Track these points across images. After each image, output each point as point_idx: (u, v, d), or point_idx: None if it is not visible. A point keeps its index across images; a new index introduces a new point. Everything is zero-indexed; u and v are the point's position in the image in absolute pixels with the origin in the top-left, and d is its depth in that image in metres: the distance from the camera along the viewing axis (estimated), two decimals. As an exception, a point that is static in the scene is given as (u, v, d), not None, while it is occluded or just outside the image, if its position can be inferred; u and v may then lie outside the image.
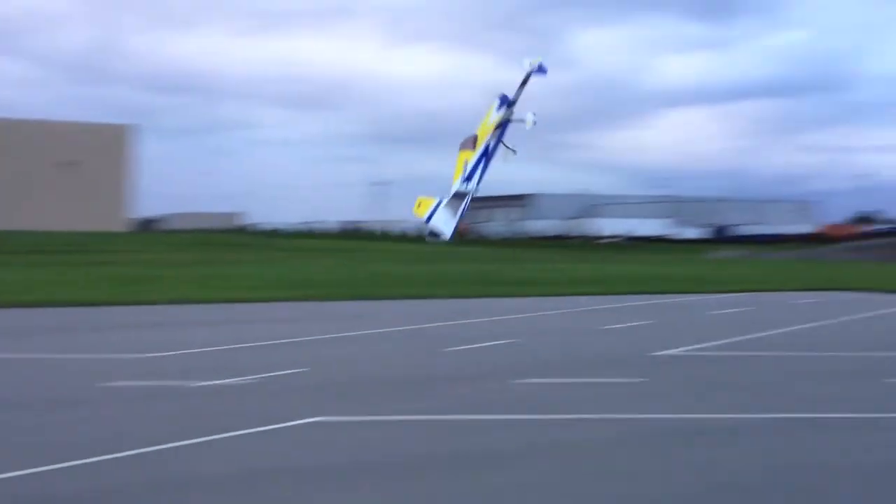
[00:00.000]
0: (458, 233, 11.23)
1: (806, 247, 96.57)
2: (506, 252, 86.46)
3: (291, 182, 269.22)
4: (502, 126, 11.81)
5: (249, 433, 9.69)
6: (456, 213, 11.12)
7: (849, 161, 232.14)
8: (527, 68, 11.53)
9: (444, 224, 10.89)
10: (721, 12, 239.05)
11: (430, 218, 11.09)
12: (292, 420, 10.24)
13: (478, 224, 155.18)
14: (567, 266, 54.95)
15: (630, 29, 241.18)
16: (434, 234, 11.44)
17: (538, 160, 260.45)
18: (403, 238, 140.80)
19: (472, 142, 11.72)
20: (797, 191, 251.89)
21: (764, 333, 19.57)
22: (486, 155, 11.56)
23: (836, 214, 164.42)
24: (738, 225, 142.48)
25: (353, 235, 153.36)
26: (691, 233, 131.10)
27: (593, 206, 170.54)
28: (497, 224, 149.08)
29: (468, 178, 11.23)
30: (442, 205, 10.95)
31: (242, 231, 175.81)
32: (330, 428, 10.19)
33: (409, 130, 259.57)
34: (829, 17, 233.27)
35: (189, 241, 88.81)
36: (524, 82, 11.60)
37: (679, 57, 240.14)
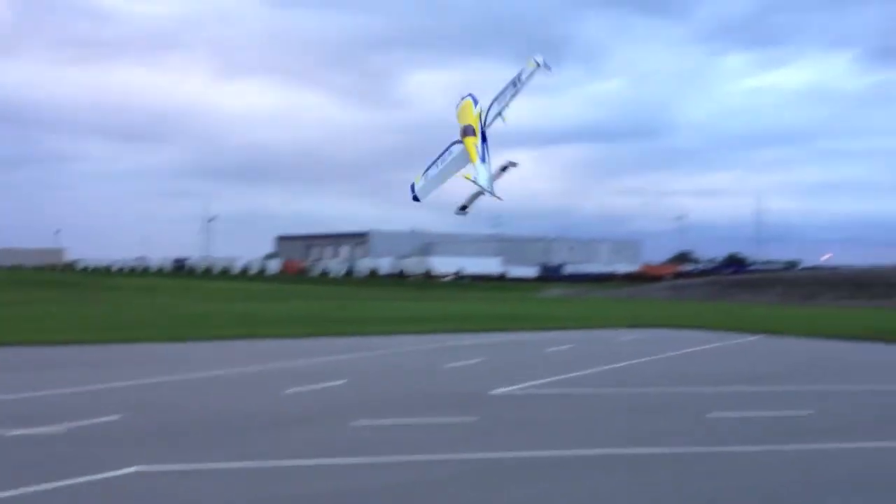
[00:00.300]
0: (293, 270, 10.98)
1: (630, 285, 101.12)
2: (343, 289, 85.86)
3: (119, 217, 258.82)
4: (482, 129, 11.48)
5: (64, 485, 8.97)
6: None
7: (666, 203, 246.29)
8: (530, 69, 11.22)
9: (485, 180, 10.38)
10: (547, 59, 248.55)
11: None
12: (111, 470, 9.58)
13: (315, 261, 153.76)
14: (404, 304, 55.08)
15: (460, 72, 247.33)
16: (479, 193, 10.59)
17: (374, 197, 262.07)
18: (236, 275, 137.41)
19: (471, 130, 11.34)
20: (621, 231, 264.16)
21: (593, 370, 20.15)
22: (485, 140, 11.25)
23: (656, 254, 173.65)
24: (566, 264, 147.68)
25: (184, 272, 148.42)
26: (522, 271, 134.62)
27: (428, 244, 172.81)
28: (335, 261, 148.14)
29: (483, 159, 10.85)
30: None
31: (66, 268, 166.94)
32: (152, 478, 9.58)
33: (241, 165, 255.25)
34: (644, 67, 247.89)
35: (3, 278, 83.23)
36: (517, 83, 11.33)
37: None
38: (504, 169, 11.04)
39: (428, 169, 10.91)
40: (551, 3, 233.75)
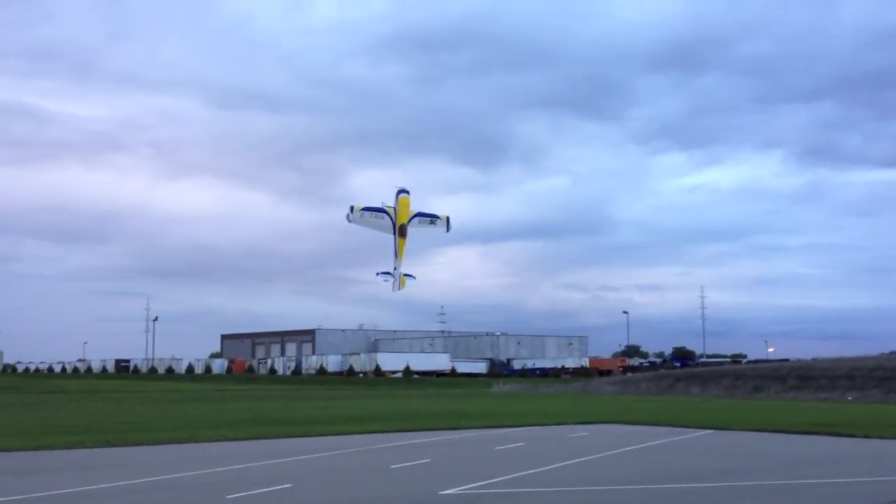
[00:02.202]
0: (239, 368, 11.15)
1: (578, 379, 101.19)
2: (291, 388, 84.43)
3: (60, 319, 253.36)
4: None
5: None
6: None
7: (611, 297, 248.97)
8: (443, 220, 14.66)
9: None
10: (488, 158, 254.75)
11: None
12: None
13: (262, 360, 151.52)
14: (352, 402, 54.32)
15: (402, 170, 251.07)
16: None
17: (320, 295, 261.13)
18: (180, 375, 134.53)
19: (405, 230, 16.12)
20: (568, 325, 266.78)
21: (544, 468, 19.97)
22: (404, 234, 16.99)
23: (604, 348, 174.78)
24: (515, 359, 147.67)
25: (127, 373, 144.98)
26: (471, 366, 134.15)
27: (375, 340, 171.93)
28: (281, 359, 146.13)
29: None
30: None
31: (4, 371, 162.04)
32: None
33: (185, 264, 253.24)
34: (584, 165, 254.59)
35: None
36: (433, 222, 14.93)
37: (451, 198, 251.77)
38: (407, 276, 18.38)
39: (366, 208, 16.28)
40: (490, 105, 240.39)
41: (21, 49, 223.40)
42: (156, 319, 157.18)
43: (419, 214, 27.05)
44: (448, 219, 27.84)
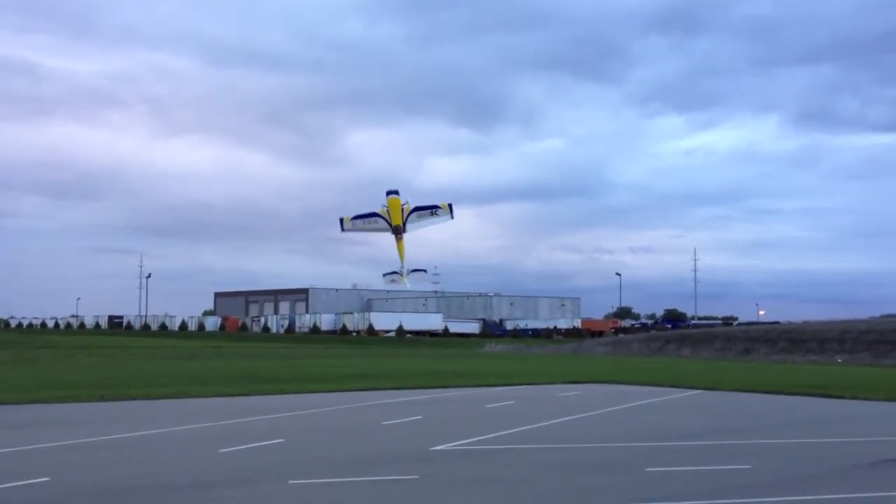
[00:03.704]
0: (232, 326, 11.21)
1: (570, 340, 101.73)
2: (284, 346, 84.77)
3: (54, 274, 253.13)
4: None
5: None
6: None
7: (605, 260, 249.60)
8: (444, 211, 14.71)
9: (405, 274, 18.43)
10: (485, 119, 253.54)
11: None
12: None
13: (255, 318, 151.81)
14: (345, 361, 54.57)
15: (400, 131, 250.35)
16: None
17: (314, 254, 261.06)
18: (174, 332, 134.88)
19: (401, 230, 16.44)
20: (561, 287, 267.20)
21: (533, 426, 20.13)
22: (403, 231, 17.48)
23: (596, 309, 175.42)
24: (507, 319, 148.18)
25: (120, 330, 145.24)
26: (464, 327, 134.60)
27: (369, 300, 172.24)
28: (275, 318, 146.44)
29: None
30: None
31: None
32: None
33: (178, 222, 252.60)
34: (580, 128, 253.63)
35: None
36: (433, 214, 15.23)
37: (449, 159, 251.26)
38: (415, 270, 19.28)
39: (356, 217, 16.62)
40: (488, 65, 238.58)
41: (19, 4, 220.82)
42: (149, 276, 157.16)
43: (417, 209, 26.46)
44: (450, 206, 27.20)
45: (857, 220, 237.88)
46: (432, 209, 26.67)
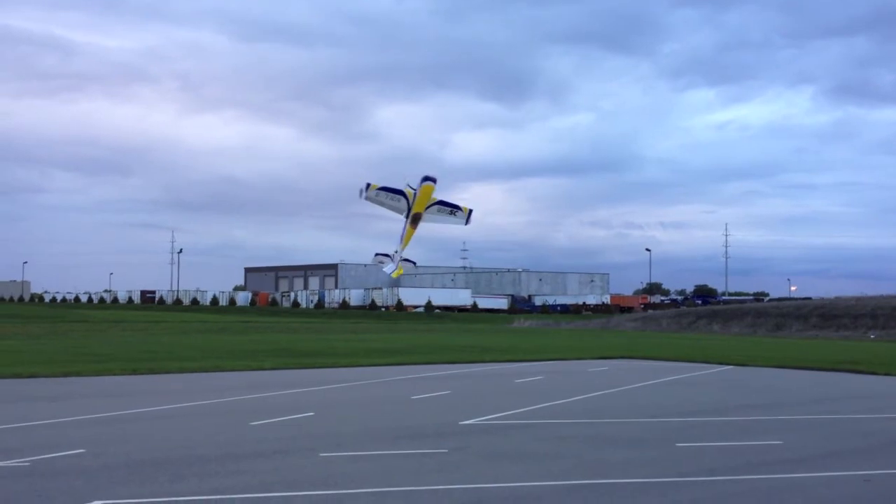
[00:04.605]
0: (263, 301, 11.29)
1: (600, 316, 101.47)
2: (314, 321, 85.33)
3: (86, 250, 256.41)
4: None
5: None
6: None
7: (635, 235, 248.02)
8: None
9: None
10: (514, 94, 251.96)
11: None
12: (73, 506, 9.37)
13: (285, 293, 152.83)
14: (373, 336, 54.84)
15: (427, 105, 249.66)
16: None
17: (343, 229, 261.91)
18: (205, 307, 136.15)
19: (418, 218, 17.08)
20: (591, 263, 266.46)
21: (563, 401, 20.14)
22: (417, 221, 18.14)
23: (626, 285, 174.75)
24: (536, 295, 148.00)
25: (152, 305, 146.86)
26: (492, 302, 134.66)
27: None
28: (304, 293, 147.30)
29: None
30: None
31: (32, 300, 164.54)
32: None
33: (209, 197, 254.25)
34: (611, 102, 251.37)
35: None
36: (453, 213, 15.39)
37: (477, 134, 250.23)
38: (406, 260, 20.87)
39: (383, 188, 17.50)
40: (517, 39, 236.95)
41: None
42: (181, 252, 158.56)
43: (441, 203, 25.56)
44: (470, 212, 26.33)
45: (891, 194, 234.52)
46: (454, 209, 25.98)
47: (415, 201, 24.80)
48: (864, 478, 11.80)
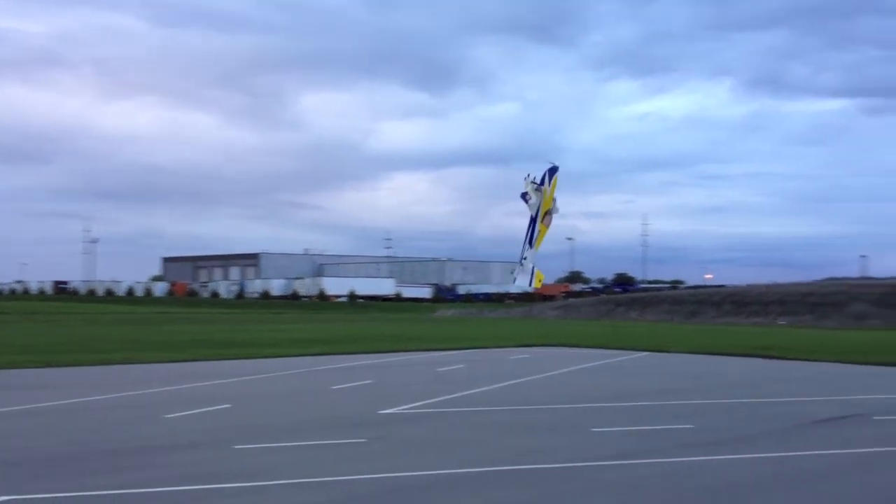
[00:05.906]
0: (181, 292, 10.91)
1: (521, 305, 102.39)
2: (234, 312, 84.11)
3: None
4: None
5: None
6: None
7: (556, 224, 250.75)
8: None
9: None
10: (440, 83, 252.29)
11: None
12: (-26, 504, 9.04)
13: (204, 283, 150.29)
14: (295, 326, 54.34)
15: (354, 94, 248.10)
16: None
17: (265, 219, 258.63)
18: (120, 298, 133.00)
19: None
20: (514, 252, 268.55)
21: (483, 388, 20.26)
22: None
23: (548, 274, 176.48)
24: (460, 284, 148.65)
25: (66, 295, 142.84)
26: (416, 291, 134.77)
27: (320, 265, 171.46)
28: (225, 283, 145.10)
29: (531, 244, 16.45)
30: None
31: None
32: (20, 511, 9.09)
33: (126, 186, 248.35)
34: (535, 92, 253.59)
35: None
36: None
37: (404, 123, 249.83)
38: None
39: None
40: (443, 28, 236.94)
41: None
42: (96, 241, 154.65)
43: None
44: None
45: (805, 185, 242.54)
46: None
47: (548, 196, 21.08)
48: (774, 459, 12.15)
